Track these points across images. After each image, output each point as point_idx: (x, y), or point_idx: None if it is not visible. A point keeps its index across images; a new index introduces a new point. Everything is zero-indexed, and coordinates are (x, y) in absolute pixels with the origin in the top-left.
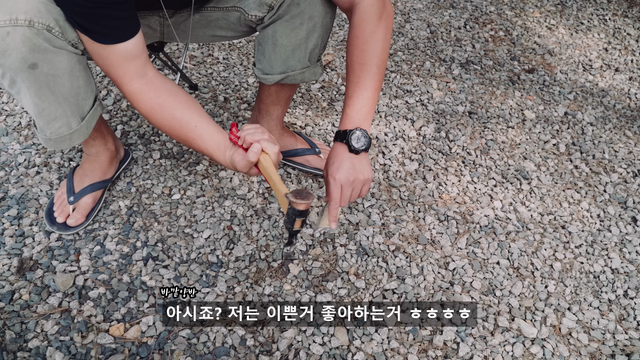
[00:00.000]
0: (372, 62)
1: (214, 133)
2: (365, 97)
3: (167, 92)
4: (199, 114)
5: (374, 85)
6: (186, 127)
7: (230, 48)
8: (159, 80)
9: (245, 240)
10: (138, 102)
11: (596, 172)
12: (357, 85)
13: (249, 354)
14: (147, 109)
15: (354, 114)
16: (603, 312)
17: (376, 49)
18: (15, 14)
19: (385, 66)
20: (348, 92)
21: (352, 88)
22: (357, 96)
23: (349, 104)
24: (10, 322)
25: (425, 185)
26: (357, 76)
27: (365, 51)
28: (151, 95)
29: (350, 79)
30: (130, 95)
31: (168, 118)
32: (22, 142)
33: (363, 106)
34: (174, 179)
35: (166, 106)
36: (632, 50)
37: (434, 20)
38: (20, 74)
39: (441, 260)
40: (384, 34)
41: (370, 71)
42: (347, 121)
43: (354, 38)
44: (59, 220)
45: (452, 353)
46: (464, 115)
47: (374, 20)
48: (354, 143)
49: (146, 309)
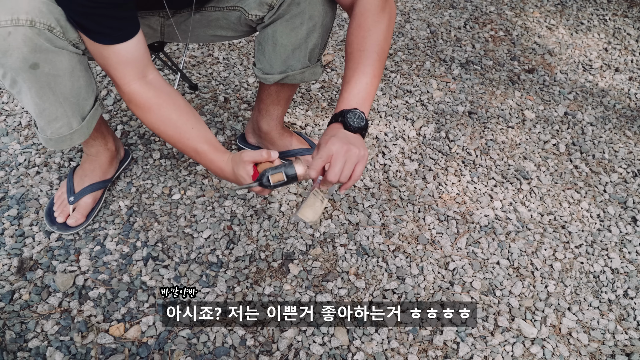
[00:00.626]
0: (373, 49)
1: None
2: (364, 82)
3: (166, 94)
4: (197, 119)
5: (374, 72)
6: (182, 128)
7: (230, 48)
8: (159, 82)
9: (245, 240)
10: (135, 102)
11: (596, 172)
12: (355, 71)
13: (249, 354)
14: (145, 109)
15: (350, 97)
16: (603, 312)
17: (378, 37)
18: (17, 14)
19: (385, 56)
20: (346, 77)
21: (350, 74)
22: (355, 81)
23: (346, 88)
24: (10, 322)
25: (425, 185)
26: (355, 62)
27: (366, 38)
28: (150, 95)
29: (349, 66)
30: (128, 95)
31: (165, 119)
32: (22, 142)
33: (361, 90)
34: (174, 179)
35: (164, 107)
36: (632, 50)
37: (434, 20)
38: (21, 74)
39: (441, 260)
40: (386, 24)
41: (370, 57)
42: (344, 103)
43: (356, 27)
44: (59, 220)
45: (452, 353)
46: (464, 115)
47: (377, 11)
48: (350, 120)
49: (146, 309)
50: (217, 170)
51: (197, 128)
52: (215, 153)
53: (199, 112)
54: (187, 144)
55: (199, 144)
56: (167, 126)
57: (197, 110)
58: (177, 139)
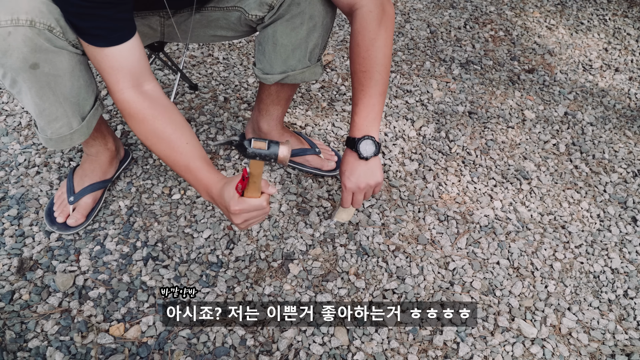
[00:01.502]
0: (375, 70)
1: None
2: (371, 104)
3: (162, 107)
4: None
5: (379, 91)
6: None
7: (230, 48)
8: (157, 94)
9: (245, 240)
10: (128, 112)
11: (596, 172)
12: (361, 93)
13: (249, 354)
14: (138, 119)
15: (361, 122)
16: (603, 312)
17: (377, 56)
18: (17, 14)
19: (388, 70)
20: (354, 99)
21: (358, 95)
22: (363, 104)
23: (355, 111)
24: (10, 322)
25: (425, 185)
26: (361, 84)
27: (367, 59)
28: (144, 106)
29: (355, 87)
30: (121, 103)
31: (158, 132)
32: (22, 142)
33: (369, 113)
34: (174, 179)
35: (159, 120)
36: (632, 50)
37: (434, 20)
38: (21, 74)
39: (441, 260)
40: (384, 39)
41: (373, 78)
42: (355, 129)
43: (355, 46)
44: (59, 220)
45: (452, 353)
46: (464, 115)
47: (373, 27)
48: (362, 151)
49: (146, 309)
50: (204, 189)
51: (192, 144)
52: (208, 171)
53: (199, 112)
54: (179, 159)
55: (192, 160)
56: (160, 139)
57: (197, 111)
58: (169, 154)
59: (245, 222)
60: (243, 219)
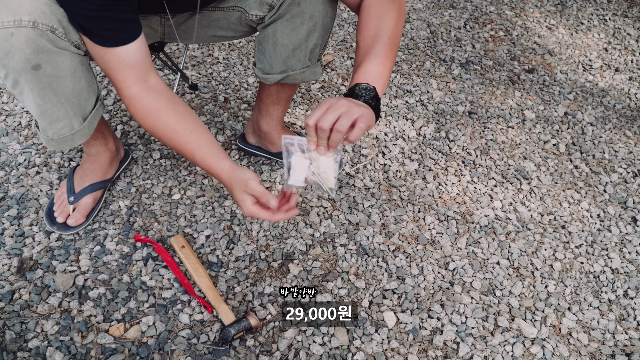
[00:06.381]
0: (384, 34)
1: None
2: (375, 62)
3: (166, 99)
4: (196, 124)
5: (385, 54)
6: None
7: (230, 48)
8: (160, 87)
9: (245, 240)
10: (135, 106)
11: (596, 172)
12: (366, 54)
13: (249, 354)
14: (144, 113)
15: (360, 76)
16: (603, 312)
17: (389, 23)
18: (19, 15)
19: (397, 42)
20: (356, 62)
21: (361, 57)
22: (367, 62)
23: (356, 70)
24: (10, 322)
25: (425, 185)
26: (367, 46)
27: (377, 26)
28: (149, 99)
29: (360, 53)
30: (128, 99)
31: (163, 123)
32: (22, 142)
33: (371, 69)
34: (174, 179)
35: (163, 112)
36: (632, 50)
37: (434, 20)
38: (23, 75)
39: (441, 260)
40: (397, 12)
41: (381, 41)
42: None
43: (365, 17)
44: (59, 220)
45: (452, 353)
46: (464, 115)
47: (386, 3)
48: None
49: (146, 309)
50: (215, 176)
51: (197, 132)
52: (213, 159)
53: (199, 112)
54: (186, 148)
55: (197, 149)
56: (165, 130)
57: (197, 110)
58: (176, 144)
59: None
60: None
